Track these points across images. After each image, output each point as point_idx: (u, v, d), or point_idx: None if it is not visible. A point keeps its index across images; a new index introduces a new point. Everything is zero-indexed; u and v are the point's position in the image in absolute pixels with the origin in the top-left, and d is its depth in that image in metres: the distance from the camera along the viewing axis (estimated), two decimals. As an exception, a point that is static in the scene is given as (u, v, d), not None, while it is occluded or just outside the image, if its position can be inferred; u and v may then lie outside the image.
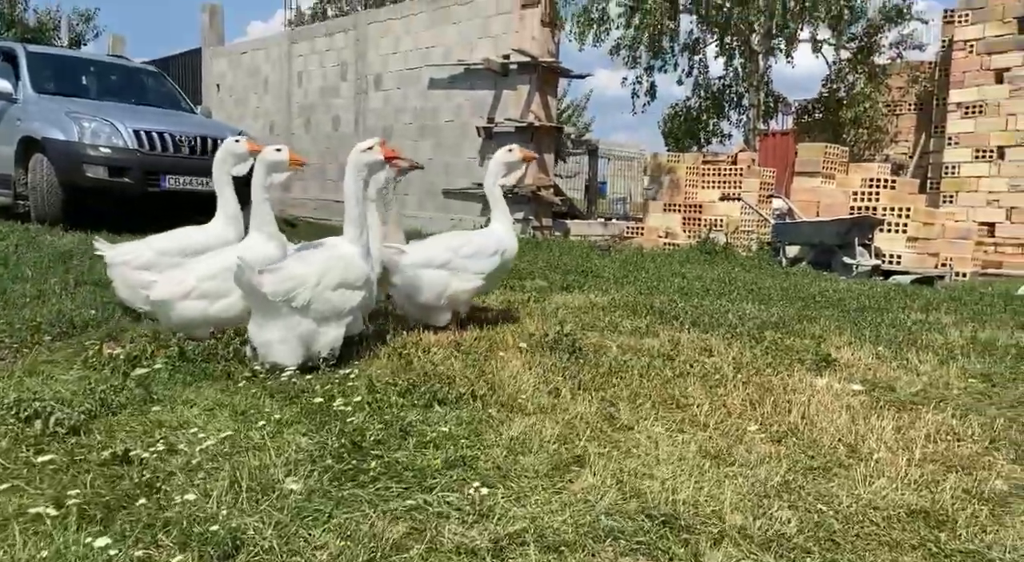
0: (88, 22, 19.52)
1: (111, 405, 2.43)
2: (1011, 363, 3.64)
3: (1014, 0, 10.26)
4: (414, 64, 12.11)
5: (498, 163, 3.94)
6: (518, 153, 3.97)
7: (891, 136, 12.97)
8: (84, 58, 10.26)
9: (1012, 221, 10.23)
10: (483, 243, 3.79)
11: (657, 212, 10.67)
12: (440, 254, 3.65)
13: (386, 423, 2.34)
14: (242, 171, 3.80)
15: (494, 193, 3.92)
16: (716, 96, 13.28)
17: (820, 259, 7.95)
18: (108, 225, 7.51)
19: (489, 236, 3.86)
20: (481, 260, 3.73)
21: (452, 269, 3.65)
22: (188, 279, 3.19)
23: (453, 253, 3.68)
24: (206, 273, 3.20)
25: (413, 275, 3.60)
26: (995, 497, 2.03)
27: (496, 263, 3.79)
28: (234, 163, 3.76)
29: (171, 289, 3.17)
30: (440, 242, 3.82)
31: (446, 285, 3.64)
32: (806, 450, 2.34)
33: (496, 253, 3.78)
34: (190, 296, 3.18)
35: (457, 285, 3.67)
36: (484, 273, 3.74)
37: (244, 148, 3.69)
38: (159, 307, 3.24)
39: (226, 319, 3.22)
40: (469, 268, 3.69)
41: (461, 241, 3.80)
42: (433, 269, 3.63)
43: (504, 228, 3.89)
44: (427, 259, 3.64)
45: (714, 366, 3.33)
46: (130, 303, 3.71)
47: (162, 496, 1.79)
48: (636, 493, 1.93)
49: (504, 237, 3.86)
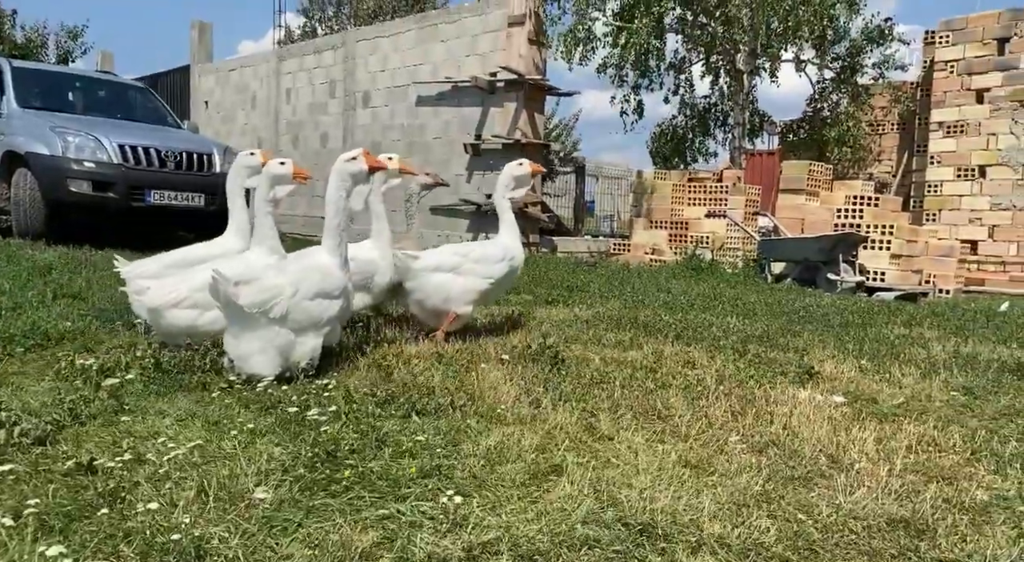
0: (76, 39, 19.48)
1: (80, 415, 2.38)
2: (992, 377, 3.64)
3: (993, 22, 10.43)
4: (402, 81, 12.16)
5: (508, 176, 4.02)
6: (528, 167, 4.06)
7: (874, 155, 13.11)
8: (70, 73, 10.25)
9: (994, 239, 10.33)
10: (490, 250, 3.90)
11: (643, 229, 10.70)
12: (450, 259, 3.77)
13: (362, 433, 2.30)
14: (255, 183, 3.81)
15: (502, 205, 4.01)
16: (702, 115, 13.39)
17: (805, 275, 7.98)
18: (92, 240, 7.46)
19: (496, 244, 3.97)
20: (489, 265, 3.83)
21: (461, 273, 3.75)
22: (181, 288, 3.17)
23: (462, 257, 3.79)
24: (200, 283, 3.15)
25: (424, 280, 3.70)
26: (975, 507, 2.01)
27: (504, 269, 3.89)
28: (248, 175, 3.76)
29: (163, 297, 3.14)
30: (449, 248, 3.93)
31: (451, 288, 3.72)
32: (787, 460, 2.31)
33: (503, 260, 3.88)
34: (180, 305, 3.15)
35: (464, 286, 3.75)
36: (492, 278, 3.84)
37: (259, 160, 3.67)
38: (151, 314, 3.22)
39: (216, 331, 3.17)
40: (477, 272, 3.79)
41: (469, 247, 3.93)
42: (443, 273, 3.72)
43: (511, 239, 3.98)
44: (438, 263, 3.74)
45: (696, 378, 3.31)
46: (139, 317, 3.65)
47: (125, 506, 1.74)
48: (613, 502, 1.90)
49: (511, 246, 3.95)
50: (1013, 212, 10.18)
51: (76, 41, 19.48)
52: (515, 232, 4.02)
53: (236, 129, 15.63)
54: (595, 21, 11.05)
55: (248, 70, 15.37)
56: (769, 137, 14.81)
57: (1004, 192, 10.28)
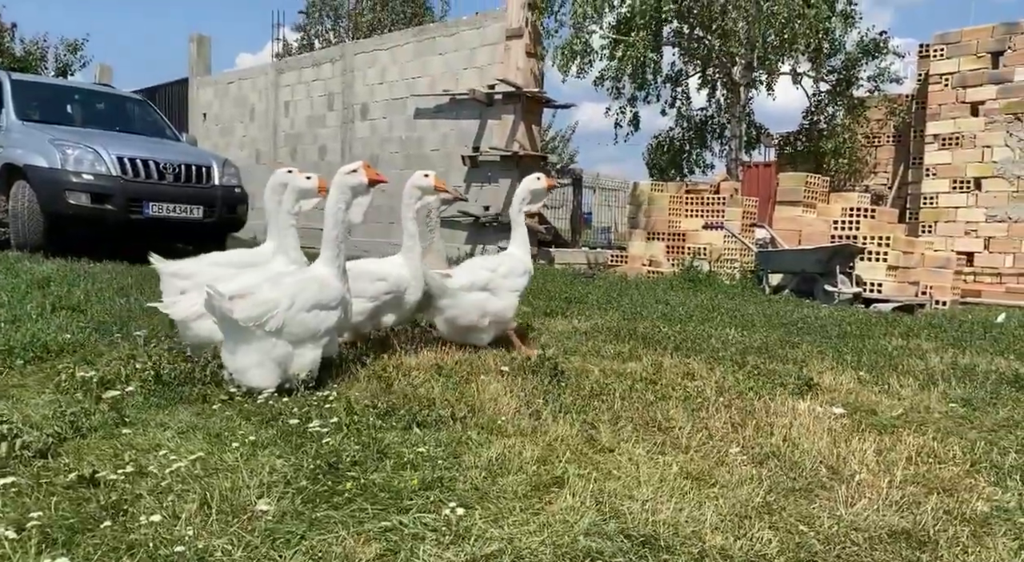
0: (75, 52, 19.54)
1: (81, 428, 2.38)
2: (991, 389, 3.65)
3: (987, 35, 10.53)
4: (400, 94, 12.22)
5: (525, 190, 4.09)
6: (545, 182, 4.11)
7: (871, 167, 13.18)
8: (69, 86, 10.28)
9: (990, 250, 10.37)
10: (514, 263, 3.99)
11: (641, 240, 10.72)
12: (481, 275, 3.82)
13: (363, 445, 2.30)
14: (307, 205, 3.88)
15: (517, 219, 4.08)
16: (699, 127, 13.46)
17: (802, 287, 8.01)
18: (90, 252, 7.46)
19: (512, 258, 4.03)
20: (515, 279, 3.93)
21: (492, 289, 3.83)
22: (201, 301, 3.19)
23: (491, 273, 3.85)
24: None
25: (460, 298, 3.76)
26: (976, 518, 2.01)
27: (525, 283, 4.00)
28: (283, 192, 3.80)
29: (188, 309, 3.18)
30: (477, 264, 3.99)
31: (486, 306, 3.80)
32: (788, 472, 2.32)
33: (526, 272, 3.99)
34: (204, 316, 3.15)
35: (497, 304, 3.83)
36: (518, 291, 3.95)
37: (314, 184, 3.72)
38: (179, 326, 3.28)
39: None
40: (505, 286, 3.87)
41: (495, 262, 3.99)
42: (477, 291, 3.79)
43: (522, 252, 4.06)
44: (471, 282, 3.79)
45: (696, 389, 3.32)
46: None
47: (128, 518, 1.74)
48: (616, 514, 1.90)
49: (525, 258, 4.05)
50: (1008, 224, 10.23)
51: (75, 54, 19.55)
52: (526, 245, 4.09)
53: (235, 142, 15.67)
54: (592, 34, 11.12)
55: (247, 83, 15.43)
56: (766, 149, 14.90)
57: (999, 204, 10.33)
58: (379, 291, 3.61)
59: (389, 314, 3.72)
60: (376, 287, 3.61)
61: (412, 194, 3.80)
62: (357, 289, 3.50)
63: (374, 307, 3.64)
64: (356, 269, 3.62)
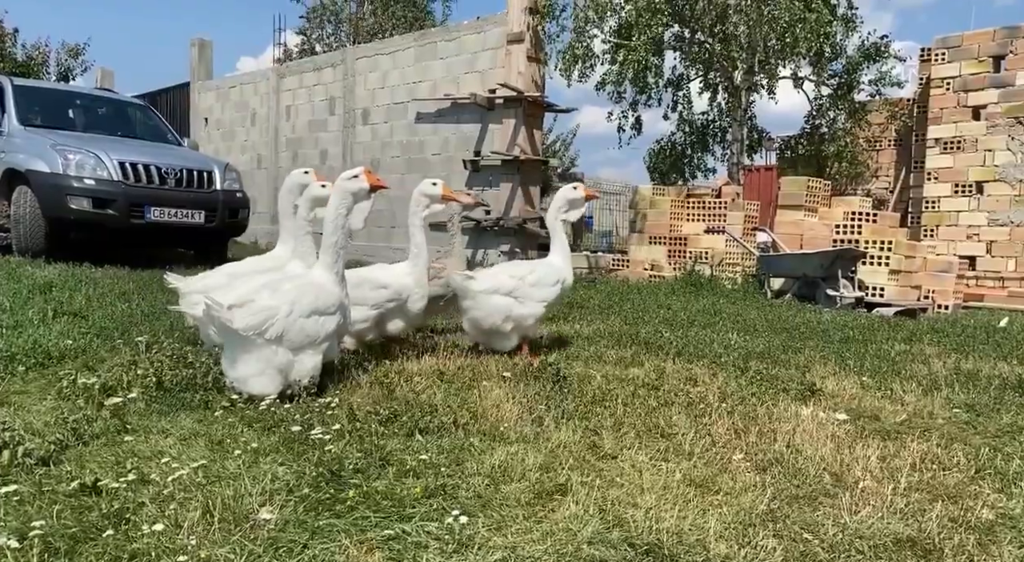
0: (77, 57, 19.59)
1: (83, 435, 2.38)
2: (994, 394, 3.64)
3: (988, 39, 10.53)
4: (401, 98, 12.23)
5: (562, 199, 4.12)
6: (582, 191, 4.14)
7: (872, 171, 13.17)
8: (70, 91, 10.30)
9: (992, 255, 10.36)
10: (546, 273, 3.98)
11: (642, 245, 10.71)
12: (507, 282, 3.84)
13: (366, 452, 2.29)
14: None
15: (554, 226, 4.10)
16: (700, 131, 13.46)
17: (804, 291, 8.00)
18: (92, 257, 7.46)
19: (550, 266, 4.01)
20: (544, 289, 3.92)
21: (517, 296, 3.83)
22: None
23: (520, 281, 3.86)
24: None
25: (482, 300, 3.78)
26: (981, 526, 2.00)
27: (557, 292, 3.98)
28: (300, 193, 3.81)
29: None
30: (506, 270, 4.01)
31: (510, 311, 3.80)
32: (791, 479, 2.31)
33: (557, 282, 3.97)
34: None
35: (521, 311, 3.81)
36: (546, 301, 3.93)
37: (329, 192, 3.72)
38: (199, 325, 3.36)
39: None
40: (533, 296, 3.87)
41: (525, 270, 3.97)
42: (500, 296, 3.80)
43: (561, 260, 4.06)
44: (496, 286, 3.81)
45: (699, 395, 3.31)
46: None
47: (131, 527, 1.74)
48: (619, 522, 1.90)
49: (562, 268, 4.03)
50: (1011, 228, 10.22)
51: (77, 59, 19.60)
52: (566, 253, 4.10)
53: (236, 146, 15.68)
54: (593, 39, 11.14)
55: (248, 87, 15.45)
56: (767, 153, 14.89)
57: (1002, 208, 10.32)
58: (381, 299, 3.62)
59: (395, 320, 3.73)
60: (378, 295, 3.62)
61: (420, 202, 3.81)
62: (359, 297, 3.51)
63: (377, 314, 3.64)
64: (359, 276, 3.64)
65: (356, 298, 3.53)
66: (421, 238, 3.75)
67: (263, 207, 14.77)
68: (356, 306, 3.54)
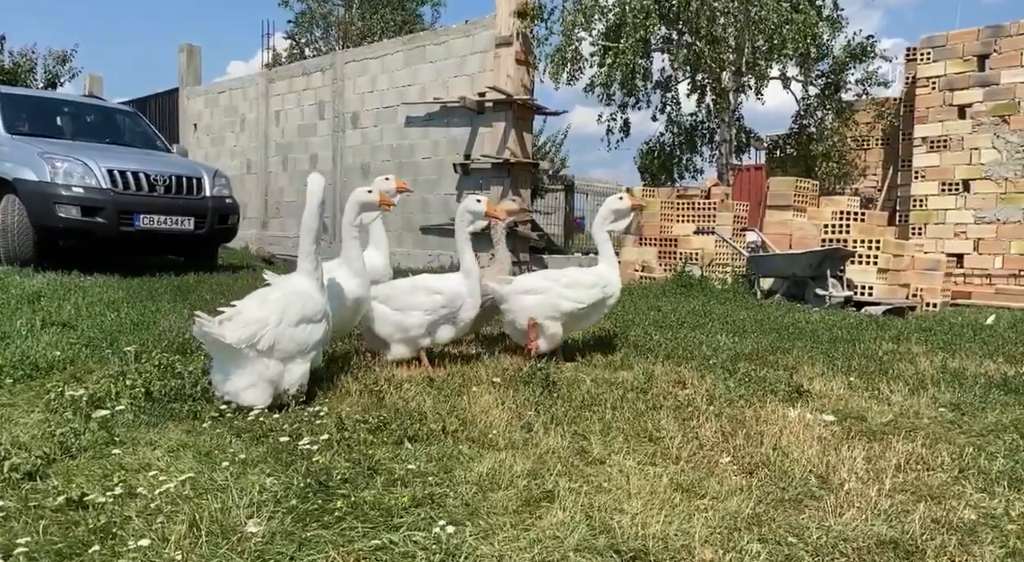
0: (64, 63, 19.47)
1: (70, 448, 2.37)
2: (980, 392, 3.68)
3: (973, 38, 10.60)
4: (391, 102, 12.23)
5: (607, 210, 4.19)
6: (628, 201, 4.19)
7: (860, 170, 13.23)
8: (58, 99, 10.25)
9: (979, 252, 10.42)
10: (582, 276, 4.05)
11: (633, 246, 10.73)
12: (540, 283, 3.97)
13: (354, 461, 2.30)
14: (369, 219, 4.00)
15: (600, 237, 4.17)
16: (689, 132, 13.49)
17: (793, 291, 8.03)
18: (81, 265, 7.44)
19: (591, 272, 4.11)
20: (579, 290, 3.97)
21: (550, 295, 3.92)
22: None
23: (552, 282, 3.97)
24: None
25: (514, 300, 3.92)
26: (964, 526, 2.02)
27: (596, 296, 4.01)
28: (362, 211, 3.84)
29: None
30: (542, 273, 4.15)
31: (540, 308, 3.90)
32: (777, 482, 2.33)
33: (595, 285, 4.02)
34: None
35: (546, 301, 3.91)
36: (582, 303, 3.96)
37: (376, 198, 3.73)
38: None
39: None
40: (566, 296, 3.93)
41: (561, 273, 4.09)
42: (532, 296, 3.91)
43: (607, 267, 4.12)
44: (528, 287, 3.95)
45: (687, 398, 3.33)
46: None
47: (117, 542, 1.74)
48: (606, 528, 1.91)
49: (607, 274, 4.08)
50: (997, 225, 10.29)
51: (64, 65, 19.46)
52: (613, 262, 4.16)
53: (225, 151, 15.65)
54: (582, 41, 11.15)
55: (237, 92, 15.42)
56: (756, 152, 14.94)
57: (988, 206, 10.39)
58: (435, 304, 3.67)
59: (445, 327, 3.75)
60: (432, 300, 3.66)
61: (464, 218, 3.83)
62: (414, 302, 3.64)
63: (429, 321, 3.68)
64: (413, 283, 3.74)
65: (410, 304, 3.64)
66: (469, 252, 3.78)
67: (253, 212, 14.74)
68: (410, 311, 3.64)
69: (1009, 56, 10.25)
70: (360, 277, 3.52)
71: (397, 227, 12.07)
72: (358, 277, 3.51)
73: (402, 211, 11.96)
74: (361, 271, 3.54)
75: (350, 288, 3.48)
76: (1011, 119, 10.20)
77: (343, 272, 3.52)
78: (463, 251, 3.78)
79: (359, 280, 3.51)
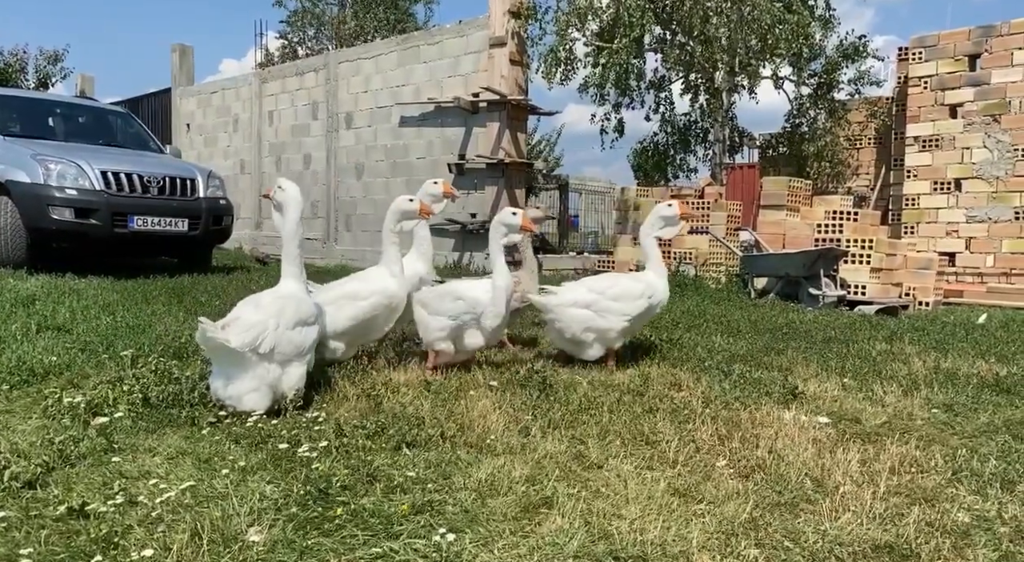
0: (56, 63, 19.38)
1: (70, 456, 2.37)
2: (972, 393, 3.71)
3: (964, 38, 10.66)
4: (384, 102, 12.22)
5: (656, 216, 4.21)
6: (677, 208, 4.20)
7: (853, 169, 13.30)
8: (50, 100, 10.20)
9: (971, 251, 10.49)
10: (630, 286, 4.03)
11: (627, 245, 10.76)
12: (585, 296, 3.96)
13: (353, 468, 2.31)
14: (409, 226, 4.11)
15: (648, 243, 4.20)
16: (682, 132, 13.54)
17: (787, 290, 8.07)
18: (75, 267, 7.42)
19: (638, 281, 4.10)
20: (627, 302, 3.97)
21: (597, 310, 3.92)
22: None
23: (599, 295, 3.96)
24: (324, 300, 3.49)
25: (561, 312, 3.94)
26: (957, 529, 2.05)
27: (642, 307, 4.01)
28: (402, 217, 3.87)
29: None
30: (585, 284, 4.12)
31: (589, 323, 3.91)
32: (773, 485, 2.35)
33: (642, 296, 4.02)
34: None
35: (600, 324, 3.93)
36: (630, 316, 3.96)
37: (416, 206, 3.77)
38: None
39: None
40: (614, 309, 3.94)
41: (607, 283, 4.07)
42: (578, 308, 3.93)
43: (656, 276, 4.13)
44: (574, 300, 3.95)
45: (683, 401, 3.35)
46: None
47: (119, 552, 1.74)
48: (604, 534, 1.93)
49: (655, 283, 4.09)
50: (988, 224, 10.36)
51: (56, 65, 19.39)
52: (661, 269, 4.17)
53: (219, 152, 15.61)
54: (575, 42, 11.17)
55: (230, 92, 15.38)
56: (749, 151, 15.00)
57: (979, 205, 10.46)
58: (458, 311, 3.67)
59: (474, 335, 3.75)
60: (455, 306, 3.68)
61: (499, 230, 3.83)
62: (441, 308, 3.68)
63: (454, 326, 3.69)
64: (443, 288, 3.77)
65: (436, 309, 3.69)
66: (501, 261, 3.78)
67: (247, 213, 14.71)
68: (436, 316, 3.69)
69: (1000, 56, 10.32)
70: (398, 278, 3.59)
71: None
72: (397, 278, 3.58)
73: (396, 211, 11.94)
74: (399, 274, 3.61)
75: (387, 292, 3.53)
76: (1002, 118, 10.28)
77: (380, 273, 3.59)
78: (495, 261, 3.77)
79: (396, 283, 3.57)
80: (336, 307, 3.51)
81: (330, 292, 3.65)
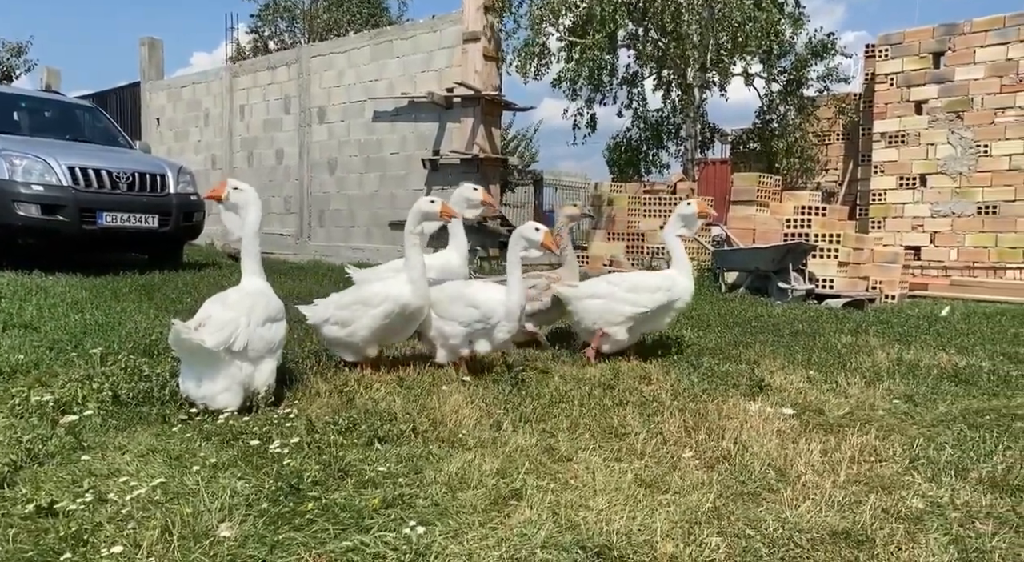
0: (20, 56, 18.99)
1: (38, 455, 2.36)
2: (932, 384, 3.82)
3: (928, 36, 10.87)
4: (357, 97, 12.16)
5: (676, 216, 4.32)
6: (696, 207, 4.30)
7: (821, 165, 13.50)
8: (14, 94, 10.00)
9: (936, 245, 10.73)
10: (646, 279, 4.20)
11: (601, 241, 10.85)
12: (603, 288, 4.15)
13: (324, 464, 2.33)
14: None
15: (672, 242, 4.30)
16: (655, 128, 13.62)
17: (757, 285, 8.20)
18: (42, 264, 7.30)
19: (659, 276, 4.25)
20: (640, 294, 4.08)
21: (612, 300, 4.07)
22: (329, 308, 3.61)
23: (615, 287, 4.12)
24: (341, 303, 3.60)
25: (578, 304, 4.16)
26: (911, 515, 2.13)
27: (660, 300, 4.10)
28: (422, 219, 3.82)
29: (317, 316, 3.63)
30: (607, 278, 4.32)
31: (602, 313, 4.09)
32: (737, 475, 2.41)
33: (659, 289, 4.11)
34: (328, 322, 3.58)
35: (614, 315, 4.07)
36: (645, 307, 4.07)
37: (437, 208, 3.70)
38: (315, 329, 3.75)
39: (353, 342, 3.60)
40: (628, 300, 4.07)
41: (624, 277, 4.26)
42: (596, 300, 4.11)
43: (679, 272, 4.22)
44: (592, 292, 4.15)
45: (652, 394, 3.41)
46: None
47: (89, 549, 1.75)
48: (571, 525, 1.97)
49: (676, 279, 4.18)
50: (952, 219, 10.60)
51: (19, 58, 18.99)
52: (685, 267, 4.24)
53: (189, 146, 15.42)
54: (549, 36, 11.19)
55: (201, 86, 15.19)
56: (721, 147, 15.15)
57: (944, 199, 10.69)
58: (470, 318, 3.62)
59: (482, 341, 3.71)
60: (468, 313, 3.62)
61: (519, 243, 3.75)
62: (453, 312, 3.65)
63: (465, 332, 3.67)
64: (458, 292, 3.70)
65: (450, 313, 3.65)
66: (517, 275, 3.68)
67: (218, 208, 14.54)
68: (448, 321, 3.66)
69: (963, 54, 10.54)
70: (415, 285, 3.50)
71: (365, 222, 12.03)
72: (413, 285, 3.50)
73: (370, 206, 11.92)
74: (418, 279, 3.51)
75: (403, 296, 3.48)
76: (965, 115, 10.51)
77: (400, 279, 3.54)
78: (511, 275, 3.70)
79: (413, 288, 3.49)
80: (350, 312, 3.52)
81: (345, 296, 3.63)
